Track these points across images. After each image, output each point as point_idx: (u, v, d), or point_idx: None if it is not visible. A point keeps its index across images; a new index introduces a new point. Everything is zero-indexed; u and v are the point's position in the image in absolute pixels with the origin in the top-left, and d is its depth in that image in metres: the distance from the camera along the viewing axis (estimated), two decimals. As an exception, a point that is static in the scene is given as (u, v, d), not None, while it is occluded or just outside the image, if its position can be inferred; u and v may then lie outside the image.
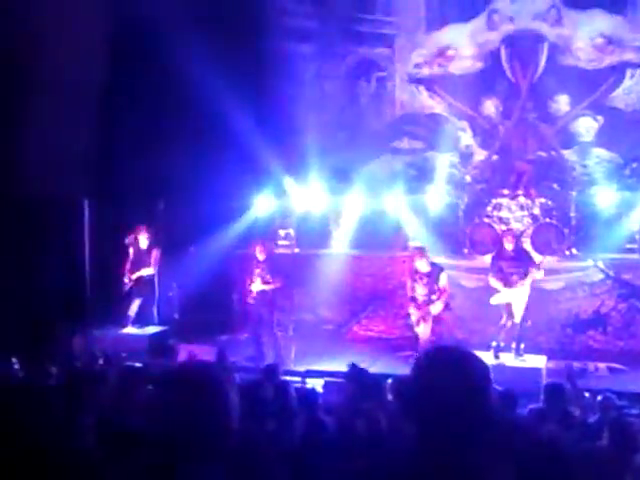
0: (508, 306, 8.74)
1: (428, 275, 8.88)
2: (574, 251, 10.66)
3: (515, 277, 8.65)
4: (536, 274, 8.77)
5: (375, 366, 8.45)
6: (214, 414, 2.04)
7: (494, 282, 8.76)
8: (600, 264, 10.18)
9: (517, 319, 8.69)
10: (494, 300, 8.79)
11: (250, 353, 9.55)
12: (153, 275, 10.31)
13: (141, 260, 10.23)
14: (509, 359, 8.67)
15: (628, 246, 10.50)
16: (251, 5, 12.13)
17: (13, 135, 10.09)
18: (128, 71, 10.90)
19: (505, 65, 12.28)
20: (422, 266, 8.86)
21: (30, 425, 3.78)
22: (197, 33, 10.72)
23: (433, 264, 9.01)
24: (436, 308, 8.83)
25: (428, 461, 1.91)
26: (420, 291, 8.88)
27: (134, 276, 10.16)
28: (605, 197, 10.90)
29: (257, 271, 9.46)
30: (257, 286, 9.43)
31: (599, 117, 12.01)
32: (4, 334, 7.99)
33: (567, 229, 10.70)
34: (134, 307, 10.21)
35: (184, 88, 10.64)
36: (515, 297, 8.66)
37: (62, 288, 10.20)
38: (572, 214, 10.88)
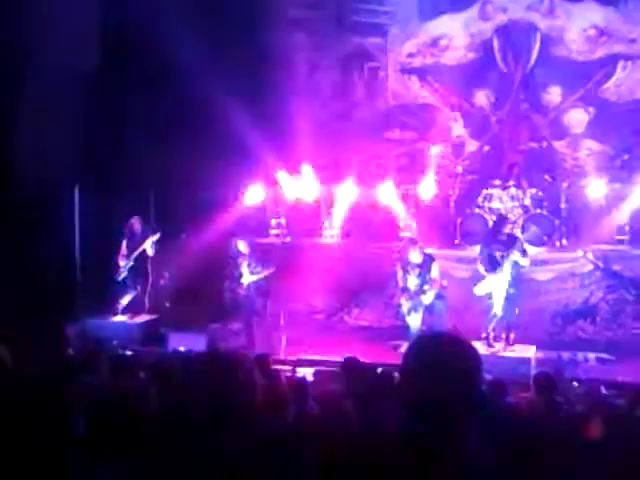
0: (492, 296, 8.80)
1: (420, 266, 8.91)
2: (564, 242, 10.71)
3: (499, 259, 8.69)
4: (520, 261, 8.78)
5: (366, 355, 8.47)
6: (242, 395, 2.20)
7: (480, 267, 8.83)
8: (590, 255, 10.23)
9: (498, 310, 8.71)
10: (478, 290, 8.83)
11: (241, 342, 9.57)
12: (147, 262, 10.28)
13: (135, 248, 10.20)
14: (499, 349, 8.72)
15: (618, 237, 10.55)
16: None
17: (6, 126, 10.04)
18: (121, 61, 10.86)
19: (498, 56, 12.28)
20: (414, 257, 8.89)
21: (20, 413, 3.78)
22: (191, 23, 10.68)
23: (425, 254, 9.04)
24: (428, 298, 8.87)
25: (419, 445, 1.93)
26: (412, 281, 8.92)
27: (133, 255, 10.08)
28: (596, 189, 10.94)
29: (244, 264, 9.48)
30: (247, 278, 9.47)
31: (590, 109, 12.04)
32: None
33: (558, 220, 10.74)
34: (128, 297, 10.19)
35: (176, 78, 10.60)
36: (497, 284, 8.68)
37: (54, 277, 10.18)
38: (563, 205, 10.92)
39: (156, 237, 10.13)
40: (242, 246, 9.53)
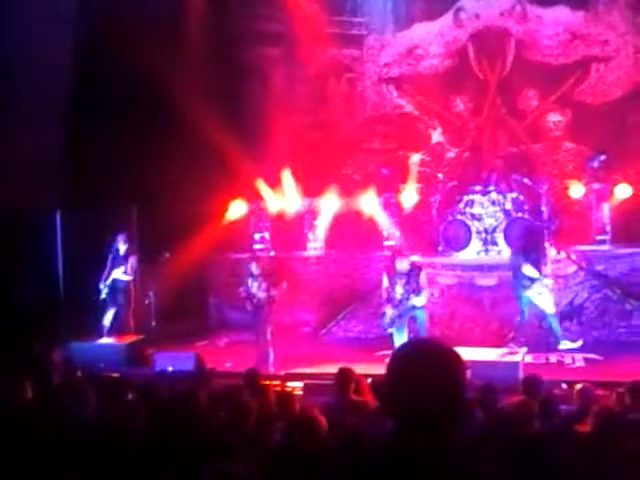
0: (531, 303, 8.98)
1: (407, 275, 8.91)
2: (546, 244, 10.75)
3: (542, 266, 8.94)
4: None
5: (354, 367, 8.43)
6: None
7: (529, 270, 8.91)
8: (573, 256, 10.28)
9: (550, 309, 9.00)
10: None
11: (230, 359, 9.50)
12: (129, 282, 10.21)
13: (118, 267, 10.13)
14: (486, 353, 8.73)
15: (599, 237, 10.63)
16: (221, 10, 12.09)
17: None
18: (99, 79, 10.81)
19: (473, 62, 12.36)
20: (401, 266, 8.90)
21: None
22: (167, 39, 10.68)
23: (412, 264, 9.05)
24: (420, 300, 8.80)
25: (404, 455, 1.92)
26: (399, 290, 8.90)
27: (108, 280, 10.01)
28: (575, 190, 11.03)
29: (255, 284, 9.48)
30: (258, 295, 9.48)
31: (567, 111, 12.14)
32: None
33: (539, 223, 10.80)
34: (109, 316, 10.10)
35: (155, 94, 10.58)
36: (540, 288, 8.90)
37: (36, 300, 10.07)
38: (543, 208, 10.99)
39: (126, 277, 10.09)
40: (254, 267, 9.54)
